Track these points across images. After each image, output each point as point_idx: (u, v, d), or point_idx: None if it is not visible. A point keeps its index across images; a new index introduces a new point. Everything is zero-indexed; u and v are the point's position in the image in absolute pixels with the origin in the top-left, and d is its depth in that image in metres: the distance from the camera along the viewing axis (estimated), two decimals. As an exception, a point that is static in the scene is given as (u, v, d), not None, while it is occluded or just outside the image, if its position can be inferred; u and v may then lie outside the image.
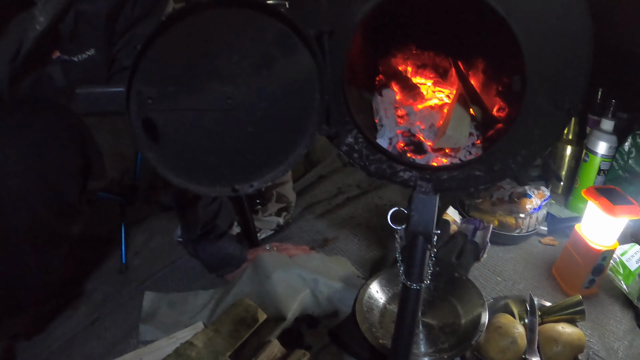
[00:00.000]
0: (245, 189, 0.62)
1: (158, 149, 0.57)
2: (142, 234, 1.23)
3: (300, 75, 0.59)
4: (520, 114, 0.61)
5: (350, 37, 0.60)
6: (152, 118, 0.55)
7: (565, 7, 0.56)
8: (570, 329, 0.84)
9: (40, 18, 0.82)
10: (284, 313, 0.91)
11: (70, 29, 0.83)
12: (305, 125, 0.62)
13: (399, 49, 0.89)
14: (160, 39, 0.52)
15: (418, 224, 0.63)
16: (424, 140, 0.71)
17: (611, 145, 1.15)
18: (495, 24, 0.59)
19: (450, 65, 0.88)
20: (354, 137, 0.65)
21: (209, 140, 0.59)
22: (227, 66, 0.56)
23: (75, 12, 0.82)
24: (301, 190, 1.40)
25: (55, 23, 0.81)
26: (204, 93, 0.56)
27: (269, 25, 0.56)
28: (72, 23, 0.82)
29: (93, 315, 1.02)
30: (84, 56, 0.86)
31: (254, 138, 0.60)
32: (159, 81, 0.54)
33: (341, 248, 1.14)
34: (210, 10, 0.53)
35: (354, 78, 0.82)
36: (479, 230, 1.07)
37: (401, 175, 0.65)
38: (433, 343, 0.85)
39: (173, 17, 0.52)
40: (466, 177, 0.64)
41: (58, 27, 0.82)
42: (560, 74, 0.59)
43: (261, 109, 0.59)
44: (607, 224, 0.94)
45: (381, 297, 0.93)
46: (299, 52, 0.58)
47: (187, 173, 0.60)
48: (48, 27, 0.81)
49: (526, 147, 0.62)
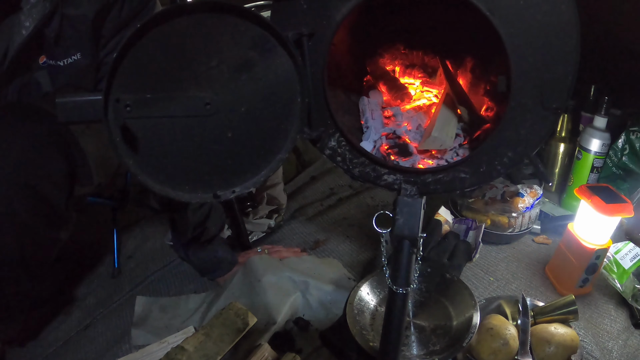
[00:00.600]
0: (227, 195, 0.62)
1: (138, 157, 0.56)
2: (134, 238, 1.23)
3: (280, 79, 0.58)
4: (505, 114, 0.60)
5: (330, 39, 0.59)
6: (130, 126, 0.55)
7: (550, 3, 0.54)
8: (563, 329, 0.84)
9: (26, 23, 0.82)
10: (275, 316, 0.90)
11: (56, 33, 0.82)
12: (286, 129, 0.61)
13: (387, 49, 0.88)
14: (137, 46, 0.52)
15: (403, 227, 0.62)
16: (410, 142, 0.70)
17: (604, 142, 1.14)
18: (479, 22, 0.57)
19: (438, 64, 0.87)
20: (336, 140, 0.64)
21: (189, 146, 0.58)
22: (205, 71, 0.56)
23: (60, 16, 0.81)
24: (293, 192, 1.39)
25: (41, 28, 0.81)
26: (183, 99, 0.56)
27: (247, 29, 0.55)
28: (58, 27, 0.82)
29: (86, 320, 1.02)
30: (70, 60, 0.85)
31: (235, 143, 0.60)
32: (136, 88, 0.54)
33: (333, 249, 1.14)
34: (187, 15, 0.53)
35: (341, 79, 0.82)
36: (472, 230, 1.06)
37: (385, 179, 0.64)
38: (425, 345, 0.85)
39: (148, 24, 0.51)
40: (451, 180, 0.63)
41: (44, 31, 0.81)
42: (547, 72, 0.58)
43: (241, 113, 0.58)
44: (600, 222, 0.93)
45: (372, 300, 0.92)
46: (278, 55, 0.57)
47: (168, 180, 0.59)
48: (34, 31, 0.81)
49: (512, 148, 0.61)
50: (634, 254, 1.01)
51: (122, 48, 0.50)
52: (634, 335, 0.92)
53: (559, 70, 0.57)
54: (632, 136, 1.15)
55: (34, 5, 0.80)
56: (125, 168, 0.56)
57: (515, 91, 0.59)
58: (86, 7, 0.83)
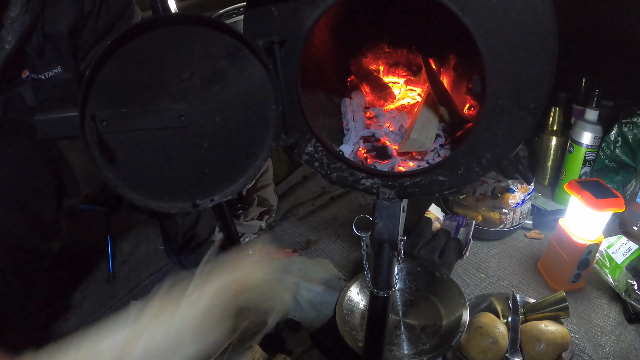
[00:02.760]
0: (206, 204, 0.62)
1: (117, 169, 0.57)
2: (129, 242, 1.24)
3: (253, 87, 0.58)
4: (481, 116, 0.59)
5: (302, 45, 0.59)
6: (108, 140, 0.56)
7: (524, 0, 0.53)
8: (553, 326, 0.83)
9: (8, 37, 0.83)
10: (266, 318, 0.91)
11: (36, 47, 0.83)
12: (262, 136, 0.61)
13: (371, 48, 0.88)
14: (109, 62, 0.52)
15: (383, 231, 0.62)
16: (390, 144, 0.70)
17: (596, 135, 1.12)
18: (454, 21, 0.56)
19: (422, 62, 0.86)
20: (313, 145, 0.64)
21: (167, 157, 0.59)
22: (177, 84, 0.56)
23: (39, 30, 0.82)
24: (285, 192, 1.39)
25: (22, 42, 0.81)
26: (157, 112, 0.56)
27: (217, 39, 0.55)
28: (37, 41, 0.82)
29: (83, 326, 1.03)
30: (51, 73, 0.86)
31: (211, 153, 0.60)
32: (111, 103, 0.54)
33: (324, 249, 1.14)
34: (156, 29, 0.53)
35: (323, 81, 0.81)
36: (462, 227, 1.06)
37: (363, 183, 0.64)
38: (414, 344, 0.85)
39: (119, 41, 0.51)
40: (430, 183, 0.62)
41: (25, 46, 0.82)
42: (523, 72, 0.56)
43: (215, 123, 0.59)
44: (591, 218, 0.92)
45: (361, 300, 0.92)
46: (250, 64, 0.57)
47: (148, 191, 0.60)
48: (16, 46, 0.81)
49: (490, 150, 0.61)
50: (627, 248, 1.00)
51: (94, 65, 0.51)
52: (627, 330, 0.91)
53: (536, 69, 0.56)
54: (625, 128, 1.13)
55: (15, 20, 0.81)
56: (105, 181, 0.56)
57: (490, 92, 0.58)
58: (61, 21, 0.83)
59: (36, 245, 0.83)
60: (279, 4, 0.58)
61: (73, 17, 0.82)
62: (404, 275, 0.94)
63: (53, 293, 1.09)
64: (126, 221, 1.29)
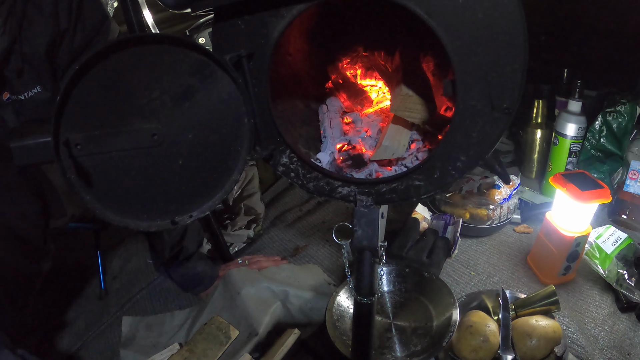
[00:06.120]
0: (184, 220, 0.62)
1: (94, 191, 0.57)
2: (119, 257, 1.24)
3: (224, 102, 0.58)
4: (454, 119, 0.59)
5: (270, 57, 0.59)
6: (83, 162, 0.55)
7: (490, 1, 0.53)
8: (544, 321, 0.83)
9: None
10: (257, 328, 0.91)
11: (15, 68, 0.83)
12: (236, 151, 0.61)
13: (347, 53, 0.87)
14: (79, 86, 0.52)
15: (362, 238, 0.62)
16: (366, 151, 0.70)
17: (580, 126, 1.12)
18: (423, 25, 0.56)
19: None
20: (288, 156, 0.64)
21: (143, 176, 0.59)
22: (147, 103, 0.56)
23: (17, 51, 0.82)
24: (272, 199, 1.39)
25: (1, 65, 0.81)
26: (130, 132, 0.56)
27: (184, 57, 0.55)
28: (16, 62, 0.82)
29: (76, 344, 1.03)
30: (31, 94, 0.85)
31: (186, 169, 0.60)
32: (84, 127, 0.54)
33: (313, 255, 1.14)
34: (123, 51, 0.53)
35: (300, 89, 0.81)
36: (450, 226, 1.06)
37: (340, 191, 0.64)
38: (406, 346, 0.85)
39: (88, 64, 0.51)
40: (406, 188, 0.62)
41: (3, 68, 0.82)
42: (494, 72, 0.56)
43: (189, 140, 0.59)
44: (578, 210, 0.92)
45: (351, 305, 0.92)
46: (219, 79, 0.57)
47: (126, 211, 0.60)
48: None
49: (465, 153, 0.60)
50: (616, 238, 1.00)
51: (64, 89, 0.51)
52: (620, 320, 0.91)
53: (507, 68, 0.55)
54: (609, 117, 1.13)
55: None
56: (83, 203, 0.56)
57: (461, 94, 0.58)
58: (38, 42, 0.83)
59: (26, 267, 0.83)
60: (244, 17, 0.58)
61: (49, 36, 0.82)
62: (393, 277, 0.94)
63: (46, 313, 1.09)
64: (116, 236, 1.29)
